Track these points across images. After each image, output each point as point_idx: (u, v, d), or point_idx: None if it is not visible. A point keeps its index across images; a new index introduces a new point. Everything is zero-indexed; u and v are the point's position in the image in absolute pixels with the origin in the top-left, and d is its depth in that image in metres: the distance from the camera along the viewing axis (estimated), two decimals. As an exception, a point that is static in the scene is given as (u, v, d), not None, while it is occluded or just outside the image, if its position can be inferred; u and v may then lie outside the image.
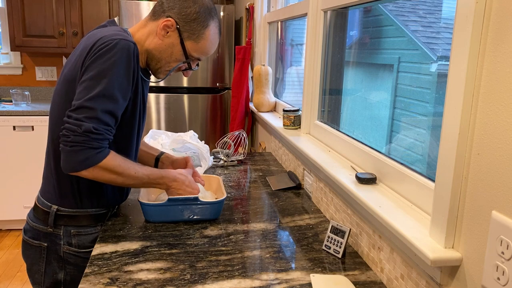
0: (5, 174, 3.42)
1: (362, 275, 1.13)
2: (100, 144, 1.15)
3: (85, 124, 1.11)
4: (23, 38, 3.50)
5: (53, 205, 1.28)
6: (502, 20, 0.73)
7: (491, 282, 0.75)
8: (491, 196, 0.76)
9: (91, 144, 1.13)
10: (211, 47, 1.31)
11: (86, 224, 1.31)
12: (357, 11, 1.72)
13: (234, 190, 1.73)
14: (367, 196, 1.16)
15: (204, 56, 1.32)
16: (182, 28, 1.25)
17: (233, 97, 3.07)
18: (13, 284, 2.81)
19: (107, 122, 1.15)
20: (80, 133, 1.11)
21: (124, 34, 1.19)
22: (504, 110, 0.73)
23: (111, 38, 1.15)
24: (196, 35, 1.26)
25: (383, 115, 1.52)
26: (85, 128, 1.11)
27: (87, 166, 1.14)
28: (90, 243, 1.31)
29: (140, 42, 1.28)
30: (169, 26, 1.24)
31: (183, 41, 1.26)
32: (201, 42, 1.28)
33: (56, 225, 1.28)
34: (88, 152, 1.13)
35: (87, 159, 1.14)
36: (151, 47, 1.27)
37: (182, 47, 1.26)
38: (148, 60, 1.30)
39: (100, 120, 1.13)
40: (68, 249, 1.29)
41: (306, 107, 1.92)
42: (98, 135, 1.13)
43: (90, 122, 1.12)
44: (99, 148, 1.15)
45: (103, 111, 1.14)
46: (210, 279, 1.07)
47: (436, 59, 1.25)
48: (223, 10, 3.29)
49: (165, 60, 1.29)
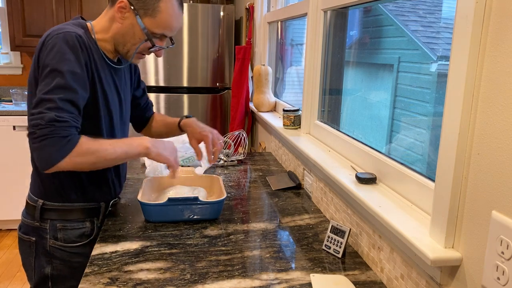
0: (5, 174, 3.42)
1: (362, 275, 1.13)
2: (68, 131, 1.11)
3: (47, 114, 1.09)
4: (23, 38, 3.50)
5: (39, 200, 1.29)
6: (502, 20, 0.73)
7: (491, 282, 0.75)
8: (491, 196, 0.76)
9: (58, 133, 1.09)
10: (171, 19, 1.27)
11: (72, 219, 1.31)
12: (357, 11, 1.72)
13: (234, 190, 1.73)
14: (367, 196, 1.16)
15: (169, 31, 1.28)
16: (136, 6, 1.23)
17: (233, 97, 3.07)
18: (13, 284, 2.81)
19: (69, 110, 1.13)
20: (44, 124, 1.08)
21: (69, 27, 1.19)
22: (504, 110, 0.73)
23: (55, 34, 1.16)
24: (151, 9, 1.23)
25: (383, 115, 1.52)
26: (48, 118, 1.08)
27: (61, 156, 1.10)
28: (76, 238, 1.31)
29: (104, 30, 1.28)
30: (123, 7, 1.23)
31: (140, 19, 1.24)
32: (158, 16, 1.24)
33: (43, 219, 1.29)
34: (58, 141, 1.09)
35: (59, 149, 1.10)
36: (114, 33, 1.27)
37: (141, 25, 1.24)
38: (116, 46, 1.30)
39: (61, 109, 1.11)
40: (54, 243, 1.30)
41: (306, 107, 1.92)
42: (63, 123, 1.10)
43: (51, 111, 1.09)
44: (68, 136, 1.11)
45: (62, 100, 1.12)
46: (210, 279, 1.07)
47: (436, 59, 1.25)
48: (223, 10, 3.29)
49: (130, 43, 1.28)
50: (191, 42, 3.29)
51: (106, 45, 1.29)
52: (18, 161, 3.39)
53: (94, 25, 1.29)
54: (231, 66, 3.38)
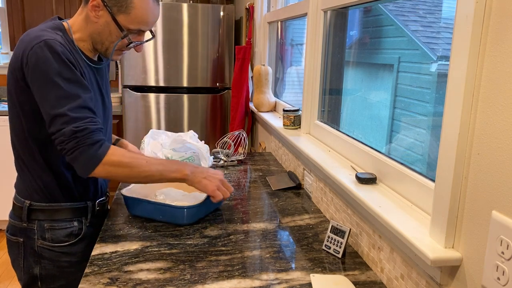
0: (5, 174, 3.42)
1: (362, 275, 1.13)
2: (93, 138, 1.15)
3: (65, 129, 1.13)
4: (23, 38, 3.50)
5: (25, 200, 1.30)
6: (502, 20, 0.73)
7: (491, 282, 0.75)
8: (491, 196, 0.76)
9: (84, 142, 1.14)
10: (146, 14, 1.24)
11: (59, 218, 1.31)
12: (357, 11, 1.72)
13: (234, 190, 1.73)
14: (367, 196, 1.16)
15: (144, 26, 1.26)
16: (109, 3, 1.21)
17: (233, 97, 3.07)
18: (13, 284, 2.81)
19: (82, 116, 1.15)
20: (68, 139, 1.13)
21: (45, 33, 1.18)
22: (504, 110, 0.73)
23: (35, 44, 1.15)
24: (125, 6, 1.21)
25: (383, 115, 1.52)
26: (69, 133, 1.13)
27: (95, 164, 1.16)
28: (64, 238, 1.31)
29: (80, 30, 1.27)
30: (96, 5, 1.22)
31: (114, 16, 1.22)
32: (132, 12, 1.22)
33: (30, 220, 1.29)
34: (87, 150, 1.14)
35: (91, 157, 1.15)
36: (90, 32, 1.26)
37: (116, 22, 1.23)
38: (94, 44, 1.29)
39: (75, 118, 1.14)
40: (42, 243, 1.29)
41: (306, 107, 1.92)
42: (84, 131, 1.14)
43: (68, 125, 1.13)
44: (96, 143, 1.16)
45: (71, 110, 1.14)
46: (210, 279, 1.07)
47: (436, 59, 1.25)
48: (223, 10, 3.29)
49: (108, 40, 1.26)
50: (191, 42, 3.29)
51: (85, 44, 1.28)
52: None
53: (71, 25, 1.28)
54: (231, 66, 3.38)
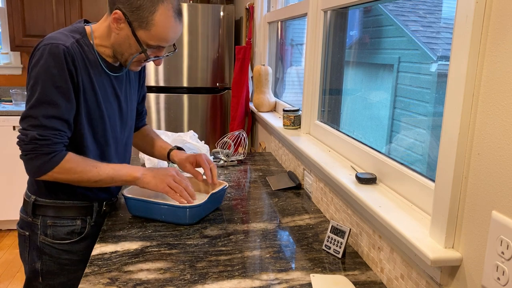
0: (5, 174, 3.42)
1: (362, 275, 1.13)
2: (51, 149, 1.18)
3: (30, 132, 1.16)
4: (23, 38, 3.50)
5: (32, 195, 1.32)
6: (502, 20, 0.73)
7: (491, 282, 0.75)
8: (491, 196, 0.76)
9: (41, 150, 1.18)
10: (166, 32, 1.23)
11: (63, 216, 1.32)
12: (357, 11, 1.72)
13: (234, 190, 1.73)
14: (367, 196, 1.16)
15: (164, 43, 1.25)
16: (131, 18, 1.20)
17: (233, 97, 3.07)
18: (13, 284, 2.81)
19: (53, 126, 1.18)
20: (28, 141, 1.17)
21: (59, 36, 1.19)
22: (504, 110, 0.73)
23: (42, 45, 1.17)
24: (145, 23, 1.20)
25: (383, 115, 1.52)
26: (31, 136, 1.16)
27: (44, 172, 1.20)
28: (65, 235, 1.32)
29: (102, 36, 1.28)
30: (118, 18, 1.21)
31: (135, 31, 1.22)
32: (152, 29, 1.21)
33: (35, 215, 1.32)
34: (41, 158, 1.18)
35: (41, 165, 1.19)
36: (112, 42, 1.27)
37: (136, 37, 1.22)
38: (114, 53, 1.29)
39: (44, 127, 1.17)
40: (44, 239, 1.31)
41: (306, 107, 1.92)
42: (46, 141, 1.17)
43: (35, 129, 1.16)
44: (51, 153, 1.19)
45: (45, 117, 1.17)
46: (210, 279, 1.07)
47: (436, 59, 1.25)
48: (223, 10, 3.29)
49: (128, 52, 1.26)
50: (191, 42, 3.29)
51: (106, 50, 1.29)
52: (18, 161, 3.38)
53: (95, 30, 1.29)
54: (231, 66, 3.38)
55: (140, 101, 1.58)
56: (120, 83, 1.36)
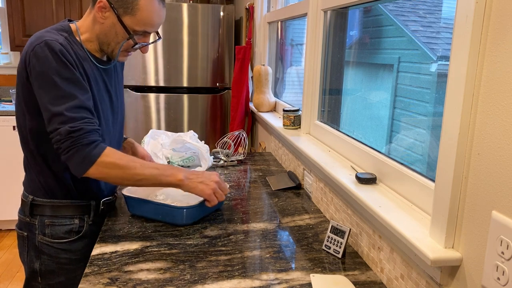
0: (5, 174, 3.42)
1: (362, 275, 1.13)
2: (88, 139, 1.17)
3: (61, 129, 1.15)
4: (23, 38, 3.50)
5: (29, 195, 1.32)
6: (502, 20, 0.73)
7: (491, 282, 0.75)
8: (491, 196, 0.76)
9: (80, 142, 1.16)
10: (152, 16, 1.25)
11: (60, 215, 1.32)
12: (357, 11, 1.72)
13: (234, 190, 1.73)
14: (367, 196, 1.16)
15: (150, 28, 1.28)
16: (116, 5, 1.22)
17: (233, 97, 3.07)
18: (13, 284, 2.81)
19: (81, 116, 1.17)
20: (64, 138, 1.15)
21: (48, 34, 1.19)
22: (504, 110, 0.73)
23: (36, 44, 1.17)
24: (130, 8, 1.23)
25: (383, 115, 1.52)
26: (64, 132, 1.15)
27: (89, 164, 1.17)
28: (64, 234, 1.32)
29: (88, 31, 1.29)
30: (103, 7, 1.23)
31: (120, 18, 1.23)
32: (138, 14, 1.23)
33: (33, 215, 1.32)
34: (82, 150, 1.16)
35: (85, 157, 1.17)
36: (97, 33, 1.28)
37: (122, 24, 1.24)
38: (100, 45, 1.30)
39: (72, 118, 1.16)
40: (42, 238, 1.31)
41: (306, 107, 1.92)
42: (80, 131, 1.16)
43: (64, 124, 1.15)
44: (91, 144, 1.18)
45: (69, 109, 1.16)
46: (210, 279, 1.07)
47: (436, 59, 1.25)
48: (223, 10, 3.29)
49: (114, 41, 1.27)
50: (191, 42, 3.29)
51: (92, 44, 1.30)
52: (18, 161, 3.38)
53: (79, 26, 1.29)
54: (231, 66, 3.38)
55: None
56: (110, 77, 1.37)
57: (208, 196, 1.31)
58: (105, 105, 1.34)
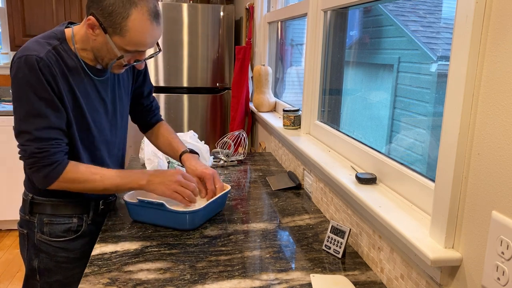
0: (5, 174, 3.42)
1: (362, 275, 1.13)
2: (51, 159, 1.20)
3: (28, 148, 1.18)
4: (23, 38, 3.50)
5: (29, 194, 1.33)
6: (502, 20, 0.73)
7: (491, 282, 0.75)
8: (491, 196, 0.76)
9: (42, 162, 1.19)
10: (142, 37, 1.17)
11: (59, 214, 1.33)
12: (357, 11, 1.72)
13: (234, 190, 1.73)
14: (367, 196, 1.16)
15: (142, 47, 1.20)
16: (105, 24, 1.15)
17: (233, 97, 3.07)
18: (13, 284, 2.81)
19: (48, 137, 1.19)
20: (28, 156, 1.19)
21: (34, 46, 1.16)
22: (504, 110, 0.73)
23: (17, 57, 1.16)
24: (119, 29, 1.15)
25: (383, 115, 1.52)
26: (29, 152, 1.18)
27: (50, 182, 1.22)
28: (62, 233, 1.33)
29: (82, 41, 1.24)
30: (92, 24, 1.16)
31: (110, 37, 1.17)
32: (127, 35, 1.15)
33: (32, 213, 1.33)
34: (44, 170, 1.20)
35: (46, 176, 1.21)
36: (91, 46, 1.23)
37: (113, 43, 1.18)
38: (96, 57, 1.25)
39: (40, 139, 1.18)
40: (40, 236, 1.32)
41: (306, 107, 1.92)
42: (45, 153, 1.18)
43: (31, 144, 1.18)
44: (53, 164, 1.20)
45: (38, 129, 1.17)
46: (210, 279, 1.07)
47: (436, 59, 1.25)
48: (223, 10, 3.29)
49: (107, 57, 1.22)
50: (191, 42, 3.29)
51: (87, 54, 1.26)
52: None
53: (76, 33, 1.25)
54: (231, 66, 3.38)
55: (147, 95, 1.55)
56: (105, 85, 1.33)
57: (169, 196, 1.31)
58: (97, 115, 1.31)
